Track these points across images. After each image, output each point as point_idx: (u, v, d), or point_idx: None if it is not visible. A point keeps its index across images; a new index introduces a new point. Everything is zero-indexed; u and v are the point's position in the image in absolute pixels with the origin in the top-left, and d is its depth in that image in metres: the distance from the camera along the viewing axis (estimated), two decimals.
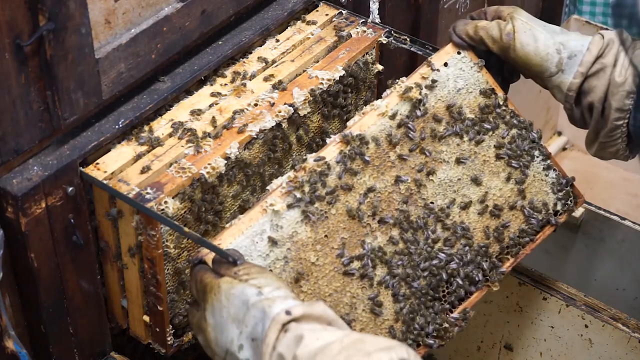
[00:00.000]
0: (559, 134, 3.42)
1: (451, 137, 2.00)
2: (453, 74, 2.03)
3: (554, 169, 2.10)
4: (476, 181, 2.01)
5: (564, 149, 3.42)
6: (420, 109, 1.98)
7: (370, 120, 1.94)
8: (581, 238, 2.70)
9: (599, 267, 2.71)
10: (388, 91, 1.99)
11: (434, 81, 2.01)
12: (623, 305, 2.55)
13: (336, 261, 1.87)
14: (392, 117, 1.96)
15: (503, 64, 2.09)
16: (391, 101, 1.97)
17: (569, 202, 2.11)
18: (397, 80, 2.00)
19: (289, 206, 1.83)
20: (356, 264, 1.88)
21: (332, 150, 1.91)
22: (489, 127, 2.03)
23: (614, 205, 3.07)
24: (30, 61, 1.65)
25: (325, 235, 1.87)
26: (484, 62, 2.06)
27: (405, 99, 1.98)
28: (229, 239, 1.78)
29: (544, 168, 2.08)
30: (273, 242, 1.81)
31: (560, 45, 2.00)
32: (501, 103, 2.06)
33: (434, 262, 1.95)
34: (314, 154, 1.90)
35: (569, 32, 2.03)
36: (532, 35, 1.99)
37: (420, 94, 1.99)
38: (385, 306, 1.90)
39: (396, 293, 1.91)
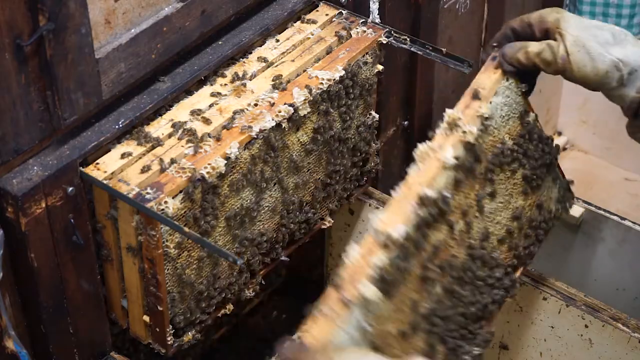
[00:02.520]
0: (559, 134, 3.42)
1: (496, 171, 1.93)
2: (501, 102, 1.92)
3: (559, 175, 2.09)
4: (507, 206, 1.97)
5: (564, 149, 3.42)
6: (477, 152, 1.87)
7: (435, 172, 1.80)
8: (581, 238, 2.70)
9: (599, 267, 2.71)
10: (443, 130, 1.83)
11: (487, 119, 1.88)
12: (623, 305, 2.55)
13: (406, 325, 1.79)
14: (455, 168, 1.83)
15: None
16: (452, 148, 1.81)
17: (566, 204, 2.10)
18: (451, 115, 1.84)
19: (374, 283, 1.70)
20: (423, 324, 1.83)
21: (407, 213, 1.75)
22: (523, 153, 1.97)
23: (614, 205, 3.07)
24: (30, 61, 1.65)
25: (401, 301, 1.76)
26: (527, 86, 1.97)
27: (463, 144, 1.84)
28: (322, 334, 1.65)
29: (553, 178, 2.06)
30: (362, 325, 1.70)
31: (619, 62, 1.87)
32: (534, 125, 1.99)
33: (477, 304, 1.92)
34: (393, 225, 1.72)
35: (622, 41, 1.89)
36: (586, 54, 1.87)
37: (477, 138, 1.85)
38: (438, 350, 1.85)
39: (447, 340, 1.87)
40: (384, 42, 2.14)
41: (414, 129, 2.72)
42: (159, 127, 1.91)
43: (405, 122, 2.69)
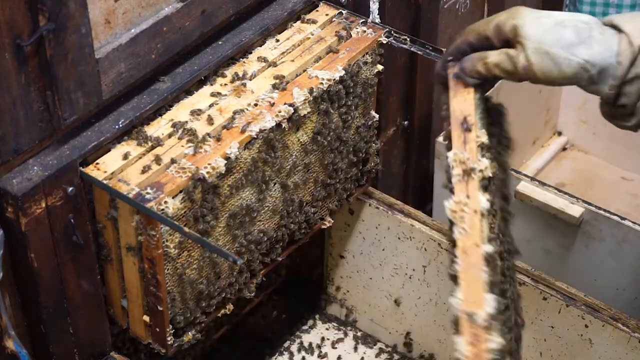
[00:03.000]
0: (559, 134, 3.42)
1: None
2: (479, 115, 1.84)
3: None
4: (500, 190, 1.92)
5: (564, 149, 3.42)
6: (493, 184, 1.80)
7: (480, 225, 1.72)
8: (581, 238, 2.70)
9: (599, 267, 2.70)
10: (459, 178, 1.74)
11: (485, 144, 1.81)
12: (623, 305, 2.55)
13: None
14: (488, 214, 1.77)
15: None
16: (482, 194, 1.74)
17: (502, 134, 1.98)
18: (457, 158, 1.75)
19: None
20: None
21: (482, 279, 1.68)
22: (497, 140, 1.89)
23: (614, 205, 3.06)
24: (30, 61, 1.65)
25: None
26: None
27: (483, 182, 1.77)
28: None
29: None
30: None
31: (585, 64, 1.75)
32: (493, 106, 1.91)
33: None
34: (480, 301, 1.66)
35: (587, 39, 1.77)
36: (550, 61, 1.75)
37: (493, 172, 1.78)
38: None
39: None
40: (384, 42, 2.14)
41: (414, 129, 2.72)
42: (159, 127, 1.91)
43: (405, 122, 2.69)
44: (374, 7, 2.38)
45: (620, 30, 1.76)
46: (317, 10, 2.17)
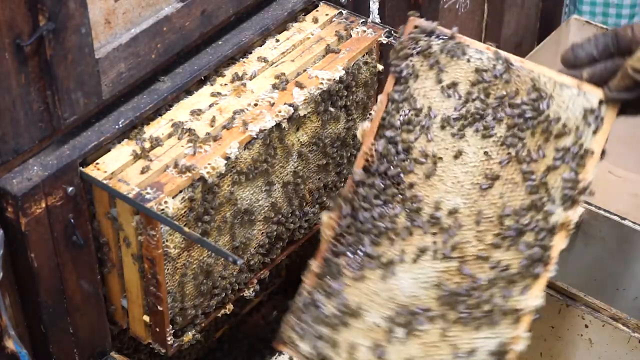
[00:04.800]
0: None
1: None
2: None
3: None
4: None
5: None
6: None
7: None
8: (581, 238, 2.70)
9: (599, 267, 2.70)
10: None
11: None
12: (623, 305, 2.55)
13: None
14: None
15: None
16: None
17: None
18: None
19: None
20: None
21: None
22: None
23: (614, 205, 3.06)
24: (30, 61, 1.65)
25: None
26: None
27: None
28: None
29: None
30: None
31: None
32: None
33: None
34: None
35: None
36: None
37: None
38: None
39: None
40: (384, 42, 2.14)
41: None
42: (159, 127, 1.91)
43: None
44: (374, 7, 2.38)
45: None
46: (317, 10, 2.17)
